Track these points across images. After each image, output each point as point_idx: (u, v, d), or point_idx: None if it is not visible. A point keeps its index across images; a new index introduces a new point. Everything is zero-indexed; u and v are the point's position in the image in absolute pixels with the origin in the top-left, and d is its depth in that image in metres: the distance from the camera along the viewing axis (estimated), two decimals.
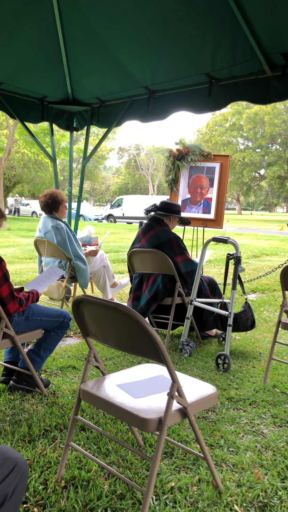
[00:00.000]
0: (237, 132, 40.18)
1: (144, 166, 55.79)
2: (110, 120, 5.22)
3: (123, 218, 30.30)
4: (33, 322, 2.78)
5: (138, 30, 3.82)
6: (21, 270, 7.78)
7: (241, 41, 3.58)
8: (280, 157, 37.94)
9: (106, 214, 32.42)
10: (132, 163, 58.33)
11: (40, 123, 5.81)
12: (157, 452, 1.67)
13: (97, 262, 5.08)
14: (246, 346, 4.00)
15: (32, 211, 33.12)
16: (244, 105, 38.10)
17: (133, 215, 28.93)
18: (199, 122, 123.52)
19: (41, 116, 5.27)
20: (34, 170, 26.54)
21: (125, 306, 1.66)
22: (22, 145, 23.23)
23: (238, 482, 2.02)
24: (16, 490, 1.15)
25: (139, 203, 28.54)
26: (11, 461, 1.17)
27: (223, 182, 5.23)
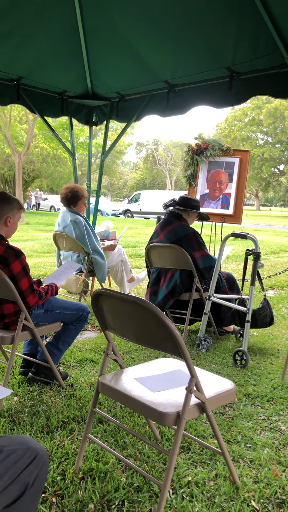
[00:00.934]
0: (257, 127, 39.71)
1: (162, 161, 55.61)
2: (130, 114, 5.21)
3: (140, 213, 30.28)
4: (52, 315, 2.81)
5: (158, 24, 3.79)
6: (40, 264, 7.85)
7: (263, 34, 3.53)
8: None
9: (124, 209, 32.45)
10: (150, 158, 58.19)
11: (59, 118, 5.85)
12: (175, 446, 1.67)
13: (115, 257, 5.09)
14: (264, 342, 3.97)
15: (51, 206, 33.34)
16: (264, 99, 37.62)
17: (151, 210, 28.89)
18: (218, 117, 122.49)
19: (61, 110, 5.29)
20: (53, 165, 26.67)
21: (144, 300, 1.66)
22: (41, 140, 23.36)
23: (256, 478, 2.02)
24: (36, 480, 1.17)
25: (156, 198, 28.49)
26: (32, 451, 1.18)
27: (242, 177, 5.19)
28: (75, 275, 4.59)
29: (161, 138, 59.19)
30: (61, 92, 5.17)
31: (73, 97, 5.29)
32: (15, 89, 4.72)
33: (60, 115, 5.35)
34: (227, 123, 41.67)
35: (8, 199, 2.62)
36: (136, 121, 5.30)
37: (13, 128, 20.19)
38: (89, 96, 5.24)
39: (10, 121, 19.61)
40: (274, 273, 7.42)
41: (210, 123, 77.16)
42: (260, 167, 40.48)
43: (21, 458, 1.16)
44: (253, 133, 40.65)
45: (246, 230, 3.87)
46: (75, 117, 5.54)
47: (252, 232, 16.67)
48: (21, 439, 1.20)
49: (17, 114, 21.22)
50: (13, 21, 3.77)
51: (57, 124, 19.40)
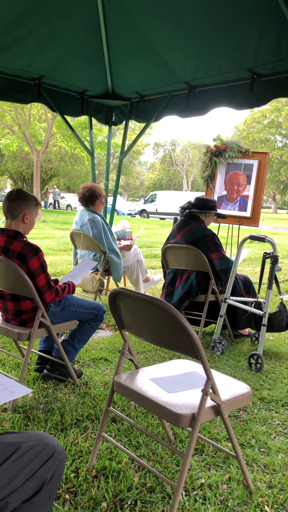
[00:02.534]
0: (276, 129, 39.38)
1: (179, 162, 55.49)
2: (149, 115, 5.20)
3: (156, 214, 30.27)
4: (68, 313, 2.83)
5: (180, 24, 3.79)
6: (56, 262, 7.90)
7: (286, 36, 3.49)
8: None
9: (140, 209, 32.46)
10: (167, 159, 58.12)
11: (78, 117, 5.87)
12: (190, 447, 1.67)
13: (131, 257, 5.10)
14: (279, 346, 3.93)
15: (67, 204, 33.52)
16: (284, 101, 37.28)
17: (167, 211, 28.85)
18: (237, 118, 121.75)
19: (81, 110, 5.31)
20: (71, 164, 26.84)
21: (162, 301, 1.66)
22: (59, 139, 23.52)
23: (269, 484, 2.00)
24: (53, 477, 1.18)
25: (173, 199, 28.44)
26: (50, 447, 1.19)
27: (260, 180, 5.16)
28: (91, 273, 4.61)
29: (178, 139, 59.03)
30: (81, 91, 5.19)
31: (93, 96, 5.31)
32: (36, 88, 4.76)
33: (80, 115, 5.37)
34: (246, 125, 41.42)
35: (25, 196, 2.64)
36: (155, 122, 5.30)
37: (32, 127, 20.37)
38: (109, 96, 5.25)
39: (29, 119, 19.78)
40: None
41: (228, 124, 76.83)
42: (278, 169, 40.13)
43: (39, 455, 1.16)
44: (271, 135, 40.33)
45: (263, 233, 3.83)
46: (94, 117, 5.56)
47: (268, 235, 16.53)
48: (39, 436, 1.21)
49: (37, 113, 21.40)
50: (36, 20, 3.79)
51: (76, 123, 19.50)
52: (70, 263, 7.84)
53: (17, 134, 20.73)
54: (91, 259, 4.73)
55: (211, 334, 4.17)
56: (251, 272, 7.93)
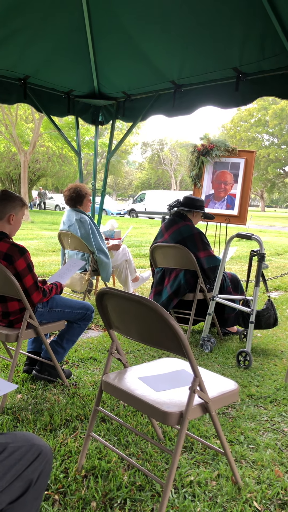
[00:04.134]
0: (263, 128, 39.62)
1: (167, 161, 55.58)
2: (136, 114, 5.21)
3: (145, 213, 30.29)
4: (56, 313, 2.82)
5: (165, 24, 3.80)
6: (44, 263, 7.87)
7: (270, 35, 3.52)
8: None
9: (128, 208, 32.46)
10: (155, 158, 58.18)
11: (65, 117, 5.86)
12: (178, 445, 1.68)
13: (119, 256, 5.10)
14: (267, 343, 3.96)
15: (56, 205, 33.39)
16: (270, 100, 37.52)
17: (155, 210, 28.89)
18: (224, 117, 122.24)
19: (67, 110, 5.30)
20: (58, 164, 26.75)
21: (148, 299, 1.66)
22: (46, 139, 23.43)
23: (258, 479, 2.02)
24: (40, 477, 1.18)
25: (161, 198, 28.49)
26: (36, 447, 1.19)
27: (247, 178, 5.18)
28: (79, 274, 4.60)
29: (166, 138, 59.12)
30: (67, 91, 5.18)
31: (80, 96, 5.29)
32: (22, 88, 4.73)
33: (67, 114, 5.36)
34: (233, 124, 41.61)
35: (11, 197, 2.63)
36: (142, 121, 5.30)
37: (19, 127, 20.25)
38: (95, 95, 5.25)
39: (16, 119, 19.67)
40: (279, 274, 7.40)
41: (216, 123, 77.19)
42: (266, 168, 40.40)
43: (25, 455, 1.16)
44: (258, 134, 40.57)
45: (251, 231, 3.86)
46: (81, 117, 5.55)
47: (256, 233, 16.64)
48: (25, 436, 1.21)
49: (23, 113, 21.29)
50: (21, 20, 3.78)
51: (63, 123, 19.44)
52: (58, 263, 7.82)
53: (4, 135, 20.60)
54: (79, 259, 4.72)
55: (200, 332, 4.19)
56: (239, 270, 7.97)
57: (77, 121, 5.67)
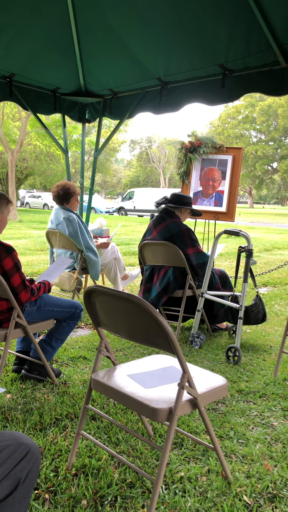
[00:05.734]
0: (250, 124, 39.78)
1: (155, 158, 55.57)
2: (123, 112, 5.20)
3: (134, 211, 30.26)
4: (45, 312, 2.81)
5: (151, 21, 3.79)
6: (33, 262, 7.83)
7: (255, 32, 3.54)
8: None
9: (117, 206, 32.41)
10: (143, 156, 58.14)
11: (52, 115, 5.83)
12: (167, 442, 1.68)
13: (108, 254, 5.09)
14: (256, 339, 3.99)
15: (44, 203, 33.23)
16: (257, 97, 37.69)
17: (144, 208, 28.87)
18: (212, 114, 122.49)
19: (54, 107, 5.27)
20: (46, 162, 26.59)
21: (136, 297, 1.66)
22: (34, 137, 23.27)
23: (248, 473, 2.03)
24: (29, 476, 1.17)
25: (150, 196, 28.47)
26: (24, 447, 1.19)
27: (235, 175, 5.20)
28: (68, 272, 4.58)
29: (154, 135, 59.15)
30: (53, 89, 5.15)
31: (66, 94, 5.27)
32: (7, 86, 4.70)
33: (53, 112, 5.34)
34: (221, 121, 41.71)
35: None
36: (129, 119, 5.30)
37: (5, 125, 20.09)
38: (81, 93, 5.23)
39: (2, 118, 19.51)
40: (267, 270, 7.45)
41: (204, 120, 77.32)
42: (254, 164, 40.59)
43: (13, 454, 1.16)
44: (246, 130, 40.73)
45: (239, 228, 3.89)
46: (68, 114, 5.53)
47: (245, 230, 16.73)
48: (13, 435, 1.20)
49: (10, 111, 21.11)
50: (6, 18, 3.75)
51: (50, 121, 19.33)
52: (47, 262, 7.78)
53: None
54: (67, 257, 4.70)
55: (190, 329, 4.20)
56: (228, 266, 8.01)
57: (64, 119, 5.64)
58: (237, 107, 40.09)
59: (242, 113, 40.19)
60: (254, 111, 38.79)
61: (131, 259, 8.71)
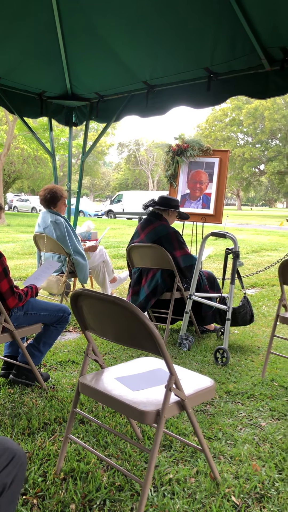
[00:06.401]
0: (237, 127, 40.05)
1: (144, 161, 55.67)
2: (109, 115, 5.21)
3: (123, 214, 30.27)
4: (32, 316, 2.80)
5: (137, 25, 3.81)
6: (21, 266, 7.79)
7: (240, 35, 3.57)
8: (280, 152, 37.84)
9: (106, 209, 32.38)
10: (132, 159, 58.20)
11: (40, 118, 5.83)
12: (155, 444, 1.69)
13: (96, 257, 5.08)
14: (244, 340, 4.01)
15: (32, 207, 33.09)
16: (244, 100, 37.96)
17: (133, 210, 28.89)
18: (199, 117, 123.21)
19: (40, 111, 5.26)
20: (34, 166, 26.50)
21: (123, 300, 1.67)
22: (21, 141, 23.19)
23: (236, 474, 2.04)
24: (14, 481, 1.17)
25: (139, 199, 28.50)
26: (10, 451, 1.18)
27: (222, 177, 5.23)
28: (56, 276, 4.57)
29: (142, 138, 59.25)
30: (40, 92, 5.15)
31: (52, 97, 5.27)
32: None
33: (40, 116, 5.33)
34: (208, 124, 41.93)
35: None
36: (116, 122, 5.31)
37: None
38: (68, 96, 5.23)
39: None
40: (255, 271, 7.49)
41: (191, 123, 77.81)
42: (241, 167, 40.83)
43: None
44: (233, 133, 40.99)
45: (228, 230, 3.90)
46: (54, 118, 5.52)
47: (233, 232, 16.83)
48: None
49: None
50: None
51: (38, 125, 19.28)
52: (35, 266, 7.74)
53: None
54: (55, 261, 4.69)
55: (179, 331, 4.21)
56: (217, 268, 8.05)
57: (51, 122, 5.64)
58: (224, 110, 40.34)
59: (229, 115, 40.45)
60: (241, 114, 39.06)
61: (120, 262, 8.71)
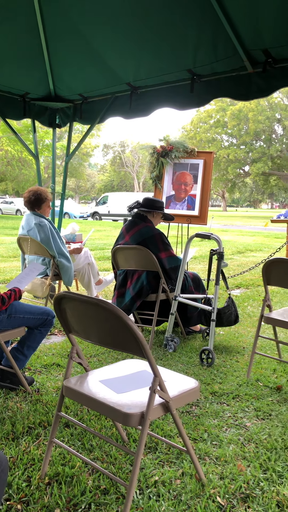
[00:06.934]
0: (222, 129, 40.28)
1: (129, 163, 55.70)
2: (93, 116, 5.20)
3: (108, 216, 30.21)
4: (16, 320, 2.77)
5: (120, 26, 3.81)
6: (5, 269, 7.72)
7: (222, 38, 3.59)
8: (264, 154, 38.19)
9: (92, 211, 32.29)
10: (117, 160, 58.19)
11: (24, 120, 5.79)
12: (140, 446, 1.68)
13: (81, 260, 5.06)
14: (230, 341, 4.03)
15: (17, 209, 32.83)
16: (228, 102, 38.20)
17: (119, 212, 28.84)
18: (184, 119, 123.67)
19: (23, 112, 5.23)
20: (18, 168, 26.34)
21: (106, 302, 1.66)
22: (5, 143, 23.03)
23: (221, 475, 2.04)
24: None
25: (124, 201, 28.45)
26: None
27: (207, 179, 5.25)
28: (40, 279, 4.53)
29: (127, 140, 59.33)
30: (23, 94, 5.11)
31: (36, 99, 5.24)
32: None
33: (23, 118, 5.29)
34: (193, 125, 42.12)
35: None
36: (100, 123, 5.30)
37: None
38: (51, 98, 5.20)
39: None
40: (240, 272, 7.54)
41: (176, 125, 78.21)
42: (226, 168, 41.07)
43: None
44: (218, 135, 41.22)
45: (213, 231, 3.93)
46: (38, 120, 5.49)
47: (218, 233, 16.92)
48: None
49: None
50: None
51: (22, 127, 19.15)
52: (20, 269, 7.67)
53: None
54: (39, 264, 4.65)
55: (164, 333, 4.21)
56: (202, 269, 8.07)
57: (34, 124, 5.60)
58: (209, 112, 40.55)
59: (214, 117, 40.67)
60: (225, 116, 39.30)
61: (106, 264, 8.68)
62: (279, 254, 8.47)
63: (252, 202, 71.92)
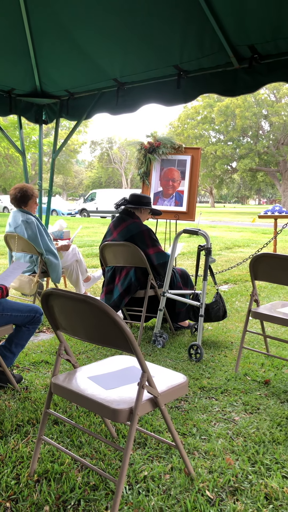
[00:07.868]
0: (209, 125, 40.35)
1: (117, 159, 55.57)
2: (80, 112, 5.17)
3: (96, 212, 30.13)
4: (3, 317, 2.75)
5: (105, 22, 3.79)
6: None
7: (208, 33, 3.59)
8: (251, 150, 38.33)
9: (80, 208, 32.17)
10: (105, 157, 58.01)
11: (10, 116, 5.73)
12: (129, 442, 1.68)
13: (69, 257, 5.04)
14: (218, 336, 4.05)
15: (4, 206, 32.56)
16: (215, 98, 38.25)
17: (107, 209, 28.79)
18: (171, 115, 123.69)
19: (9, 109, 5.18)
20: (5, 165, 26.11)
21: (94, 298, 1.66)
22: None
23: (210, 469, 2.06)
24: None
25: (112, 197, 28.39)
26: None
27: (194, 175, 5.26)
28: (28, 276, 4.51)
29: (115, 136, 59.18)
30: (8, 90, 5.06)
31: (22, 95, 5.19)
32: None
33: (9, 114, 5.24)
34: (180, 121, 42.11)
35: None
36: (87, 119, 5.27)
37: None
38: (38, 94, 5.16)
39: None
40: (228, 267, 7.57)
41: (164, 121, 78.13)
42: (213, 164, 41.17)
43: None
44: (205, 131, 41.28)
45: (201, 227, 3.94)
46: (24, 116, 5.44)
47: (206, 229, 16.98)
48: None
49: None
50: None
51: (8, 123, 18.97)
52: (7, 267, 7.62)
53: None
54: (27, 261, 4.63)
55: (153, 329, 4.22)
56: (190, 265, 8.10)
57: (20, 120, 5.55)
58: (196, 108, 40.57)
59: (201, 113, 40.70)
60: (212, 112, 39.36)
61: (94, 260, 8.67)
62: (267, 250, 8.53)
63: (240, 198, 72.25)
